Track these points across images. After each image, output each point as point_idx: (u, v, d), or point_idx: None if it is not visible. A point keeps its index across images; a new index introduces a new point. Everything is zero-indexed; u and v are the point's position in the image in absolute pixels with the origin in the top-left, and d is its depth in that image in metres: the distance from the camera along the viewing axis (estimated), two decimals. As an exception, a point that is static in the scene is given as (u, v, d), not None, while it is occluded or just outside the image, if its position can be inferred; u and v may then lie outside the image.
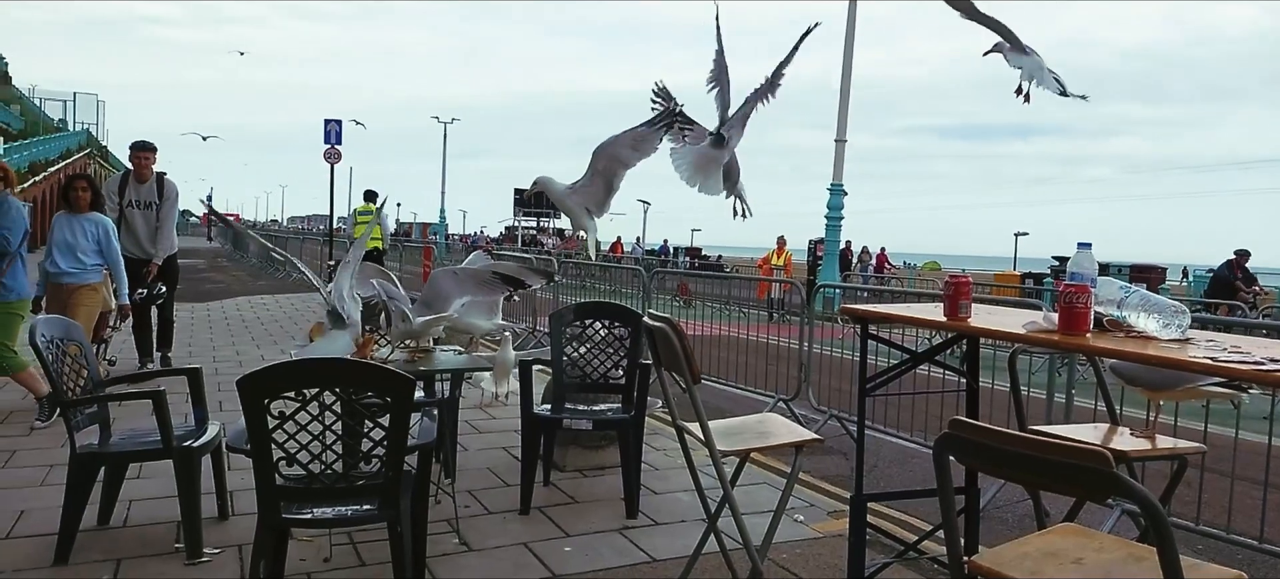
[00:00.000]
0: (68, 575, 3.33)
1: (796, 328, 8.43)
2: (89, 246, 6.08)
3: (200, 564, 3.46)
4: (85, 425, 3.60)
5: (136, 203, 7.28)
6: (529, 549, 3.78)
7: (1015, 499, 4.97)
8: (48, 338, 3.55)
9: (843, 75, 17.90)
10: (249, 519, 3.68)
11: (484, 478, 4.79)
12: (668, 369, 2.89)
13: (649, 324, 2.79)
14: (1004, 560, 1.78)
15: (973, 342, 3.05)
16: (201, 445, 3.63)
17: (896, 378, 2.98)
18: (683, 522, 4.21)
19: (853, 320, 3.12)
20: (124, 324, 7.84)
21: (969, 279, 2.68)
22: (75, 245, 6.04)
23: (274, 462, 2.69)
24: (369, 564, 3.52)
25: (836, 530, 4.16)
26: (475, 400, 6.58)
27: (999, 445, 1.53)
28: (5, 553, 3.52)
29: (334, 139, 16.54)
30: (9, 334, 5.46)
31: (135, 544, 3.66)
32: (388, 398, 2.74)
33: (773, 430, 3.04)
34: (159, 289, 7.33)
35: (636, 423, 4.38)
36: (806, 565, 3.71)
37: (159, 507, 4.04)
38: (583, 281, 14.53)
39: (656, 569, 3.62)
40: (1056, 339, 2.33)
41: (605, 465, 4.97)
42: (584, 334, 4.64)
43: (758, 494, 4.58)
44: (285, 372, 2.73)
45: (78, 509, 3.48)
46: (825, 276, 17.22)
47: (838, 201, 17.95)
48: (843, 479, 5.33)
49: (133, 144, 7.54)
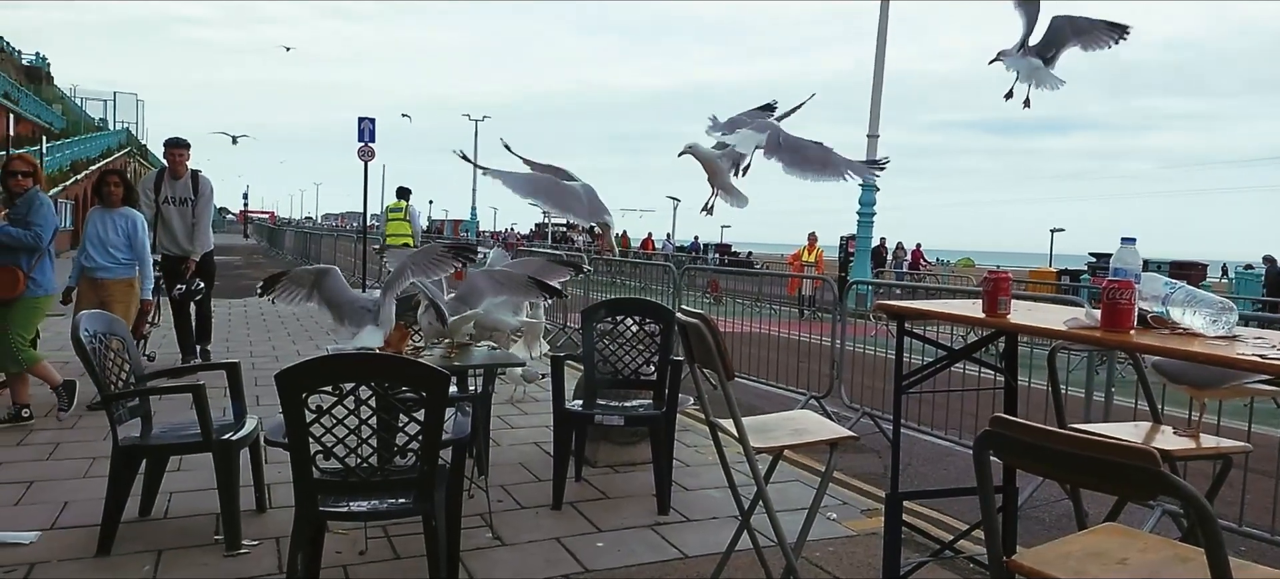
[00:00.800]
0: (110, 566, 3.40)
1: (827, 325, 8.38)
2: (121, 241, 6.16)
3: (239, 556, 3.51)
4: (127, 419, 3.67)
5: (172, 199, 7.35)
6: (561, 544, 3.79)
7: (1052, 498, 4.89)
8: (91, 332, 3.61)
9: (875, 70, 17.75)
10: (286, 512, 3.72)
11: (516, 473, 4.82)
12: (701, 365, 2.89)
13: (683, 320, 2.78)
14: (1046, 560, 1.75)
15: (1011, 339, 3.00)
16: (240, 439, 3.69)
17: (933, 375, 2.94)
18: (714, 518, 4.20)
19: (889, 317, 3.08)
20: (161, 320, 7.99)
21: (1008, 275, 2.63)
22: (107, 240, 6.12)
23: (311, 455, 2.72)
24: (403, 557, 3.55)
25: (870, 529, 4.13)
26: (507, 396, 6.62)
27: (1043, 443, 1.50)
28: (50, 543, 3.59)
29: (367, 137, 16.66)
30: (28, 328, 5.53)
31: (176, 536, 3.72)
32: (423, 392, 2.76)
33: (807, 427, 3.01)
34: (197, 285, 7.40)
35: (668, 419, 4.37)
36: (840, 564, 3.69)
37: (199, 499, 4.10)
38: (613, 278, 14.55)
39: (689, 566, 3.61)
40: (1099, 336, 2.29)
41: (636, 461, 4.98)
42: (615, 330, 4.64)
43: (790, 491, 4.56)
44: (322, 366, 2.76)
45: (120, 501, 3.54)
46: (857, 273, 17.08)
47: (870, 198, 17.80)
48: (876, 477, 5.29)
49: (167, 141, 7.63)
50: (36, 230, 5.39)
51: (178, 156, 7.41)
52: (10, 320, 5.40)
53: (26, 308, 5.47)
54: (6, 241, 5.35)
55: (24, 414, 5.54)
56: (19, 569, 3.31)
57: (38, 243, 5.42)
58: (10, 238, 5.34)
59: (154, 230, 7.29)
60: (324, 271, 4.15)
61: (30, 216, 5.41)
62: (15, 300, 5.38)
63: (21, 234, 5.35)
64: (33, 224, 5.39)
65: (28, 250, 5.41)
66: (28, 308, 5.48)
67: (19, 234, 5.34)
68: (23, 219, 5.40)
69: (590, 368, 4.62)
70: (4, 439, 5.16)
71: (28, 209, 5.44)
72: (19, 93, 30.90)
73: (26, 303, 5.44)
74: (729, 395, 2.62)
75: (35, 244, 5.40)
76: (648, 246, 35.86)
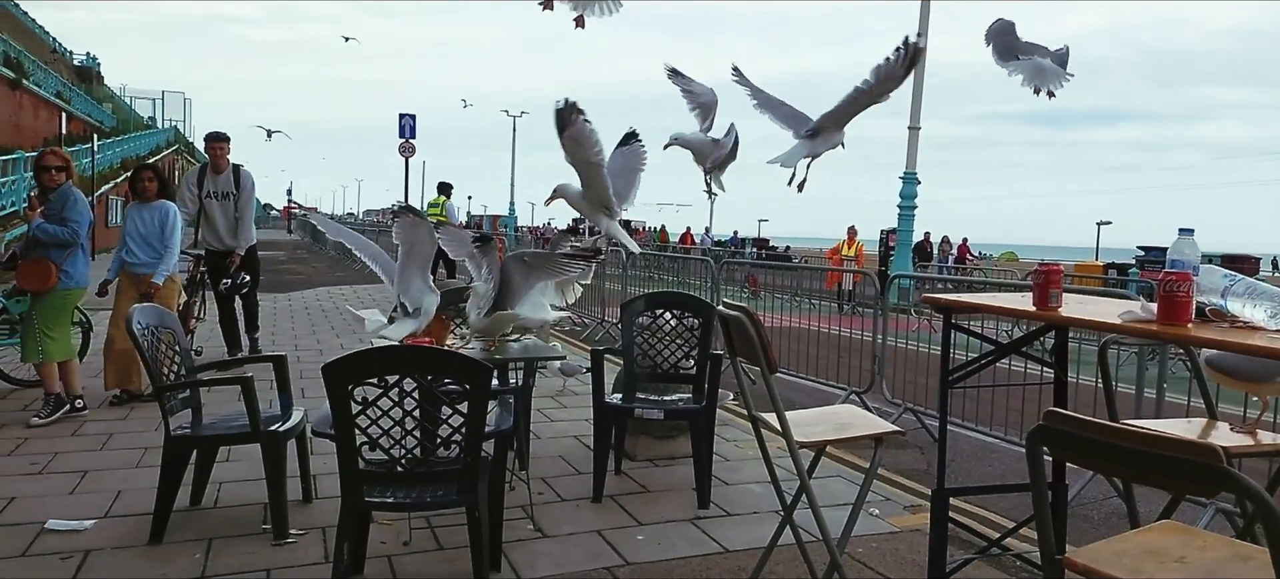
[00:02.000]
0: (162, 554, 3.47)
1: (867, 320, 8.29)
2: (157, 234, 6.13)
3: (286, 545, 3.57)
4: (179, 410, 3.75)
5: (215, 194, 7.36)
6: (602, 536, 3.80)
7: (1100, 496, 4.80)
8: (144, 325, 3.70)
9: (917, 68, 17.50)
10: (331, 503, 3.78)
11: (556, 466, 4.84)
12: (742, 359, 2.86)
13: (725, 313, 2.76)
14: (1101, 558, 1.71)
15: (1062, 332, 2.94)
16: (287, 430, 3.75)
17: (981, 369, 2.89)
18: (755, 513, 4.17)
19: (935, 310, 3.03)
20: (207, 314, 8.12)
21: (1060, 267, 2.57)
22: (148, 234, 6.12)
23: (357, 446, 2.76)
24: (447, 548, 3.59)
25: (914, 525, 4.08)
26: (546, 390, 6.65)
27: (1101, 438, 1.46)
28: (104, 531, 3.68)
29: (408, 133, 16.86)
30: (58, 321, 5.56)
31: (225, 525, 3.79)
32: (467, 385, 2.78)
33: (852, 422, 2.98)
34: (242, 279, 7.45)
35: (708, 413, 4.36)
36: (883, 560, 3.64)
37: (247, 489, 4.18)
38: (650, 272, 14.55)
39: (730, 560, 3.59)
40: (1156, 329, 2.23)
41: (676, 455, 4.97)
42: (655, 324, 4.63)
43: (832, 487, 4.52)
44: (369, 358, 2.79)
45: (171, 490, 3.62)
46: (898, 267, 16.88)
47: (911, 190, 17.56)
48: (919, 474, 5.22)
49: (207, 135, 7.66)
50: (73, 226, 5.44)
51: (218, 150, 7.42)
52: (41, 313, 5.46)
53: (57, 300, 5.51)
54: (44, 238, 5.43)
55: (77, 405, 5.66)
56: (75, 556, 3.40)
57: (75, 238, 5.47)
58: (48, 234, 5.41)
59: (197, 226, 7.39)
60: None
61: (66, 212, 5.46)
62: (47, 293, 5.44)
63: (58, 230, 5.41)
64: (69, 220, 5.44)
65: (63, 245, 5.45)
66: (58, 300, 5.52)
67: (55, 230, 5.41)
68: (58, 215, 5.45)
69: (629, 362, 4.63)
70: (59, 430, 5.30)
71: (62, 204, 5.48)
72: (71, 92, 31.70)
73: (57, 295, 5.49)
74: (772, 389, 2.59)
75: (72, 239, 5.46)
76: (686, 241, 35.81)
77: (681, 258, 17.30)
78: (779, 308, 10.31)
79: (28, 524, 3.69)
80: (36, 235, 5.50)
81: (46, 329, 5.48)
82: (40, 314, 5.46)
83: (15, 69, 23.34)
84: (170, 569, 3.32)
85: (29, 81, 24.52)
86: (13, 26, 29.47)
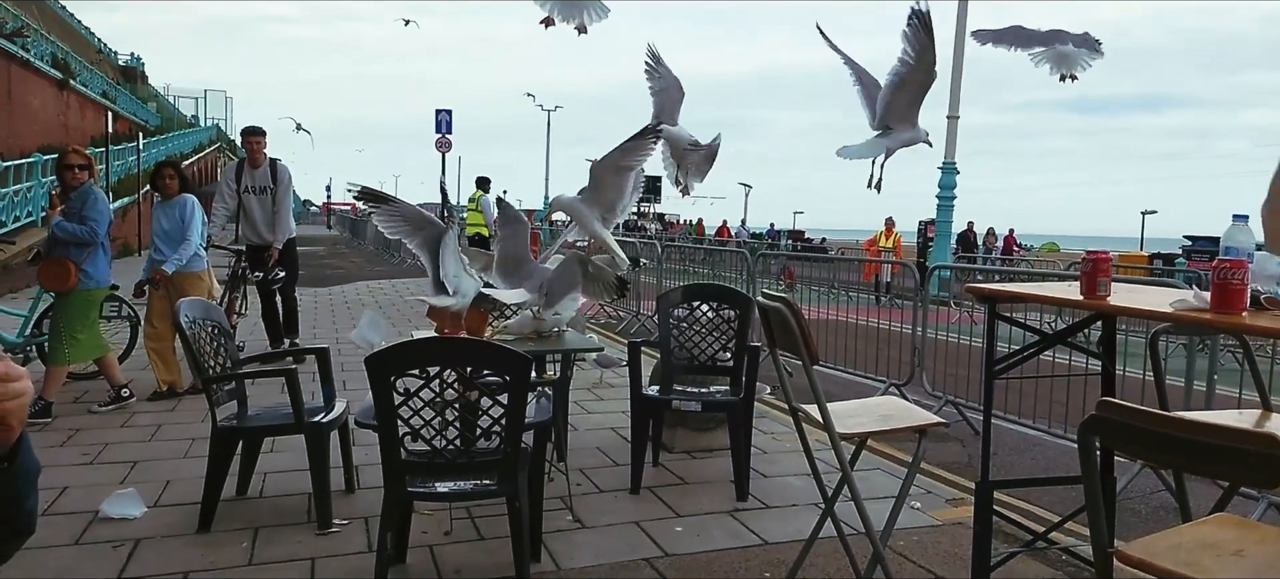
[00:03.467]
0: (210, 542, 3.54)
1: (905, 312, 8.20)
2: (179, 230, 6.10)
3: (330, 534, 3.62)
4: (225, 402, 3.82)
5: (252, 189, 7.34)
6: (640, 528, 3.80)
7: (1148, 490, 4.70)
8: (190, 318, 3.77)
9: (955, 49, 17.23)
10: (374, 493, 3.82)
11: (594, 457, 4.85)
12: (782, 350, 2.84)
13: (764, 304, 2.74)
14: (1155, 551, 1.67)
15: (1110, 322, 2.88)
16: (330, 421, 3.80)
17: (1027, 360, 2.84)
18: (794, 506, 4.15)
19: (979, 300, 2.99)
20: (249, 308, 8.22)
21: (1108, 255, 2.51)
22: (171, 230, 6.11)
23: (400, 437, 2.79)
24: (487, 538, 3.61)
25: (956, 518, 4.03)
26: (583, 383, 6.66)
27: (1157, 429, 1.43)
28: (154, 520, 3.76)
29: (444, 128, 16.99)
30: (83, 322, 5.52)
31: (271, 514, 3.86)
32: (506, 376, 2.80)
33: (894, 413, 2.95)
34: (277, 273, 7.40)
35: (746, 405, 4.34)
36: (926, 554, 3.61)
37: (291, 479, 4.24)
38: (686, 265, 14.52)
39: (770, 552, 3.58)
40: (1209, 318, 2.17)
41: (713, 447, 4.96)
42: (692, 316, 4.62)
43: (872, 480, 4.49)
44: (410, 350, 2.82)
45: (219, 480, 3.69)
46: (936, 258, 16.67)
47: (950, 181, 17.30)
48: (960, 467, 5.16)
49: (243, 129, 7.68)
50: (92, 225, 5.43)
51: (255, 144, 7.41)
52: (64, 313, 5.45)
53: (80, 301, 5.49)
54: (62, 237, 5.43)
55: (123, 394, 5.74)
56: (126, 545, 3.48)
57: (93, 238, 5.45)
58: (67, 233, 5.41)
59: (236, 221, 7.44)
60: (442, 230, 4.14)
61: (85, 211, 5.45)
62: (69, 293, 5.43)
63: (77, 229, 5.41)
64: (88, 218, 5.43)
65: (82, 244, 5.45)
66: (81, 301, 5.49)
67: (74, 229, 5.41)
68: (78, 213, 5.44)
69: (666, 354, 4.62)
70: (109, 421, 5.43)
71: (82, 203, 5.48)
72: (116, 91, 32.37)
73: (79, 295, 5.47)
74: (813, 380, 2.57)
75: (90, 239, 5.44)
76: (723, 234, 35.71)
77: (717, 251, 17.25)
78: (816, 300, 10.23)
79: (80, 513, 3.78)
80: (55, 233, 5.50)
81: (73, 331, 5.47)
82: (65, 316, 5.45)
83: (63, 70, 23.88)
84: (218, 557, 3.38)
85: (76, 82, 25.09)
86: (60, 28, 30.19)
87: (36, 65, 21.44)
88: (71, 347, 5.49)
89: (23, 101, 20.40)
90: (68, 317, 5.46)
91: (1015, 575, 3.36)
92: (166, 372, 6.10)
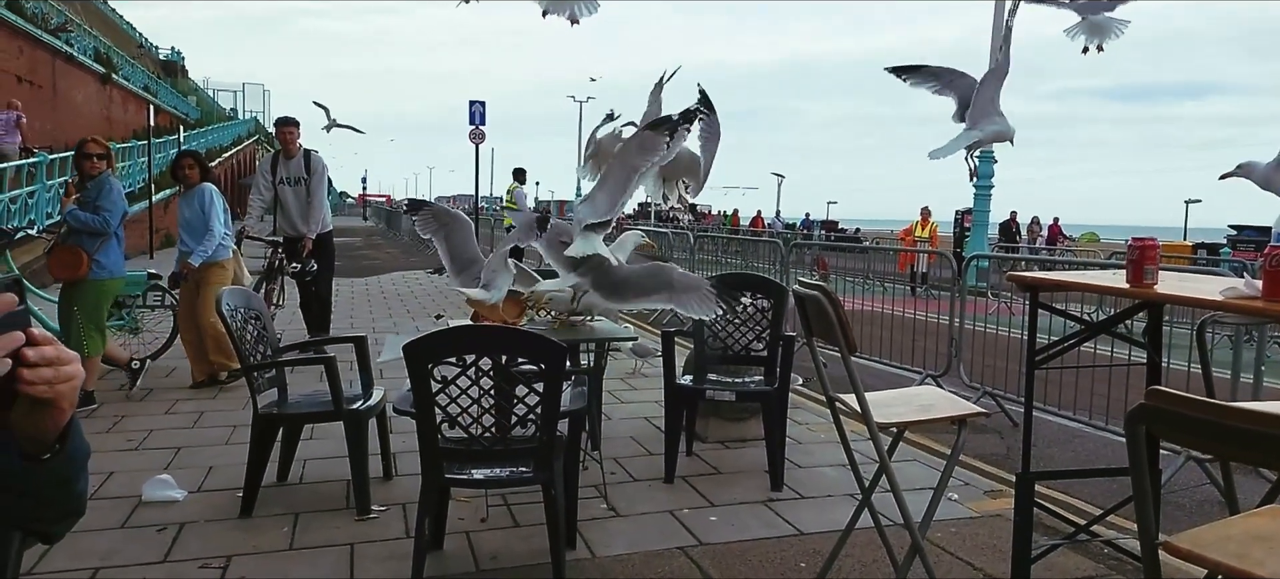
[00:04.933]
0: (252, 527, 3.60)
1: (941, 303, 8.10)
2: (200, 220, 6.03)
3: (369, 520, 3.67)
4: (265, 389, 3.87)
5: (287, 180, 7.23)
6: (675, 517, 3.80)
7: (1193, 483, 4.61)
8: (232, 307, 3.83)
9: (992, 38, 16.95)
10: (411, 480, 3.87)
11: (628, 446, 4.86)
12: (819, 339, 2.82)
13: (801, 292, 2.72)
14: (1204, 543, 1.63)
15: (1156, 311, 2.81)
16: (368, 408, 3.84)
17: (1069, 350, 2.79)
18: (829, 496, 4.13)
19: (1021, 288, 2.94)
20: (286, 300, 8.29)
21: (1156, 242, 2.46)
22: (193, 220, 6.04)
23: (437, 424, 2.81)
24: (523, 526, 3.64)
25: (994, 510, 3.98)
26: (615, 372, 6.67)
27: (1210, 418, 1.39)
28: (198, 504, 3.84)
29: (478, 120, 17.07)
30: (98, 314, 5.50)
31: (310, 500, 3.91)
32: (542, 364, 2.81)
33: (933, 403, 2.91)
34: (311, 266, 7.24)
35: (781, 395, 4.32)
36: (964, 545, 3.57)
37: (330, 466, 4.30)
38: (719, 256, 14.48)
39: (805, 543, 3.56)
40: (1261, 306, 2.12)
41: (747, 438, 4.94)
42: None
43: (909, 471, 4.44)
44: (448, 338, 2.84)
45: (260, 466, 3.75)
46: (973, 248, 16.45)
47: (987, 170, 17.05)
48: (998, 458, 5.09)
49: (277, 120, 7.55)
50: (105, 215, 5.37)
51: (287, 134, 7.29)
52: (78, 304, 5.37)
53: (93, 291, 5.43)
54: (75, 225, 5.39)
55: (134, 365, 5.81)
56: (171, 528, 3.55)
57: (106, 227, 5.39)
58: (79, 222, 5.37)
59: (273, 213, 7.41)
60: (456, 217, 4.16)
61: (99, 200, 5.39)
62: (80, 283, 5.36)
63: (90, 218, 5.35)
64: (102, 208, 5.37)
65: (95, 234, 5.39)
66: (94, 291, 5.44)
67: (87, 218, 5.35)
68: (92, 203, 5.39)
69: (700, 344, 4.61)
70: (153, 408, 5.54)
71: (98, 193, 5.42)
72: (157, 85, 32.99)
73: (92, 285, 5.41)
74: (851, 369, 2.55)
75: (103, 228, 5.38)
76: (757, 225, 35.58)
77: (750, 241, 17.18)
78: (850, 290, 10.15)
79: (126, 497, 3.86)
80: (68, 222, 5.48)
81: (97, 322, 5.47)
82: (82, 308, 5.37)
83: (106, 64, 24.38)
84: (260, 542, 3.44)
85: (118, 76, 25.60)
86: (102, 23, 30.79)
87: (80, 60, 21.91)
88: (97, 337, 5.48)
89: (67, 96, 20.86)
90: (85, 308, 5.39)
91: (1056, 568, 3.31)
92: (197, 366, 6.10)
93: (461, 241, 4.09)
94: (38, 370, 0.98)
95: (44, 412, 1.02)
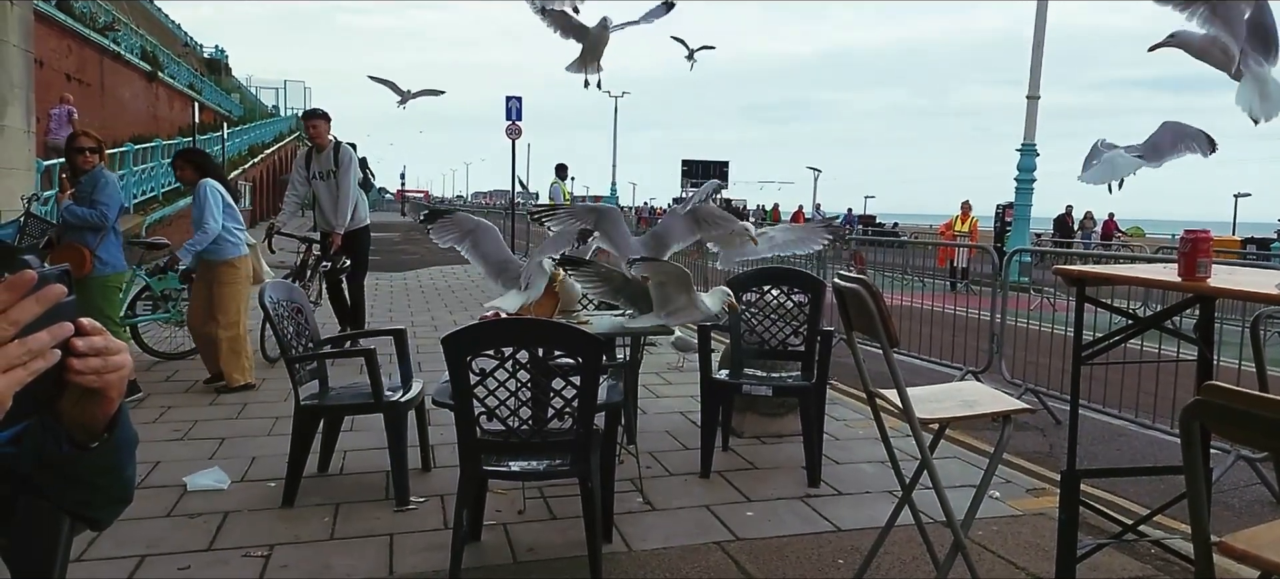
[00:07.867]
0: (294, 517, 3.65)
1: (982, 298, 7.97)
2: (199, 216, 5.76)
3: (408, 511, 3.70)
4: (306, 381, 3.93)
5: (320, 174, 7.04)
6: (711, 511, 3.78)
7: (1242, 483, 4.50)
8: (274, 299, 3.88)
9: (1036, 26, 16.64)
10: (449, 472, 3.90)
11: (663, 441, 4.85)
12: (859, 333, 2.78)
13: (841, 286, 2.69)
14: (1261, 543, 1.58)
15: (1208, 306, 2.74)
16: (407, 400, 3.88)
17: (1117, 345, 2.72)
18: (867, 493, 4.08)
19: (1068, 282, 2.87)
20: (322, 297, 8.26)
21: (1209, 234, 2.39)
22: (196, 219, 5.78)
23: (475, 416, 2.82)
24: (560, 518, 3.65)
25: (1036, 509, 3.91)
26: (651, 367, 6.66)
27: (1271, 414, 1.34)
28: (241, 494, 3.90)
29: (515, 115, 17.14)
30: (112, 307, 5.48)
31: (351, 491, 3.96)
32: (579, 358, 2.81)
33: (977, 399, 2.86)
34: (342, 262, 7.10)
35: (819, 390, 4.28)
36: (1006, 544, 3.51)
37: (370, 457, 4.35)
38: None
39: (844, 539, 3.52)
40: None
41: (783, 433, 4.91)
42: (762, 300, 4.57)
43: (949, 468, 4.37)
44: (486, 331, 2.85)
45: (302, 456, 3.80)
46: (1015, 243, 16.18)
47: (1030, 163, 16.73)
48: (1040, 456, 5.01)
49: (304, 113, 7.40)
50: (102, 209, 5.31)
51: (315, 127, 7.06)
52: (91, 303, 5.18)
53: (101, 287, 5.40)
54: (72, 221, 5.35)
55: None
56: (215, 517, 3.61)
57: (103, 222, 5.34)
58: (77, 217, 5.32)
59: (312, 209, 7.35)
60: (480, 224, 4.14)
61: (95, 195, 5.33)
62: (84, 281, 5.19)
63: (87, 213, 5.30)
64: (98, 203, 5.31)
65: (94, 229, 5.35)
66: (102, 287, 5.41)
67: (84, 213, 5.30)
68: (88, 198, 5.33)
69: (736, 338, 4.59)
70: (198, 400, 5.64)
71: (93, 187, 5.36)
72: (202, 83, 33.62)
73: (98, 282, 5.36)
74: (893, 364, 2.51)
75: (100, 223, 5.33)
76: (798, 219, 35.34)
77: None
78: (889, 285, 10.04)
79: (172, 487, 3.93)
80: (66, 219, 5.43)
81: (112, 316, 5.44)
82: (93, 306, 5.17)
83: (151, 62, 24.89)
84: (302, 532, 3.49)
85: (164, 74, 26.12)
86: (148, 22, 31.43)
87: (127, 58, 22.39)
88: (116, 331, 5.38)
89: (114, 93, 21.32)
90: (96, 305, 5.25)
91: (1102, 568, 3.25)
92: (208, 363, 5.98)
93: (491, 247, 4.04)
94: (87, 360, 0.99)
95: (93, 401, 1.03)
